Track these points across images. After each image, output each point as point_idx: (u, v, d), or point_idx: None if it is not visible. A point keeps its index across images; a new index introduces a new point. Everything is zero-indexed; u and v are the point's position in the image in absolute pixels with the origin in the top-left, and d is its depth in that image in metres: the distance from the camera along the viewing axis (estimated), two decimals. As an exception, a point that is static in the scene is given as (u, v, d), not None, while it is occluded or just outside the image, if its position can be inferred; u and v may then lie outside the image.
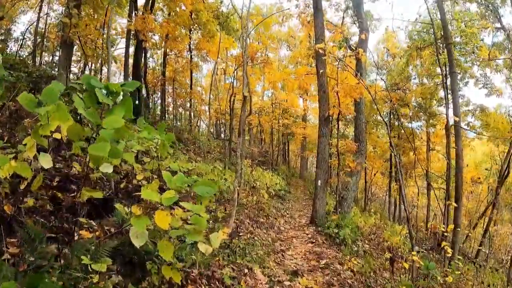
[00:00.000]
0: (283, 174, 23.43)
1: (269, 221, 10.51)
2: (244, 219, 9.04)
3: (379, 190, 32.55)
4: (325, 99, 11.44)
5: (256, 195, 11.86)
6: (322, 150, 11.27)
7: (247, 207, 10.67)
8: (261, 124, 25.64)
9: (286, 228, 10.56)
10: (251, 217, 9.49)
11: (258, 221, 9.64)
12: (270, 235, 9.04)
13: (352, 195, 13.28)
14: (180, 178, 2.98)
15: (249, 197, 11.25)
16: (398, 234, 14.94)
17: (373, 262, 8.10)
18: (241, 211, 9.72)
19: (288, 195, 17.13)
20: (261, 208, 11.11)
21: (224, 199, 9.56)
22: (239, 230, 7.77)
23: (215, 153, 18.04)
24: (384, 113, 25.70)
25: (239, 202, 10.65)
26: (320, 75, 11.52)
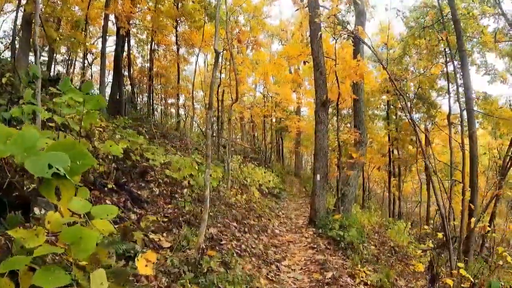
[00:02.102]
0: (277, 171, 21.70)
1: (261, 223, 8.78)
2: (231, 221, 7.30)
3: (376, 185, 30.94)
4: (322, 81, 9.75)
5: (246, 193, 10.13)
6: (320, 139, 9.56)
7: (235, 207, 8.94)
8: (253, 119, 23.88)
9: (281, 230, 8.82)
10: (239, 219, 7.74)
11: (248, 224, 7.90)
12: (262, 240, 7.29)
13: (354, 190, 11.59)
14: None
15: (238, 195, 9.50)
16: (402, 232, 13.42)
17: (390, 271, 6.36)
18: (227, 212, 7.99)
19: (283, 193, 15.39)
20: (251, 208, 9.38)
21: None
22: (222, 237, 6.01)
23: (203, 149, 16.25)
24: (382, 106, 24.18)
25: (226, 202, 8.94)
26: (315, 54, 9.83)
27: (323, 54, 9.93)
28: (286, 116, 23.98)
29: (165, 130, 16.81)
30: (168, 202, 6.64)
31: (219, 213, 7.55)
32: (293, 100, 25.01)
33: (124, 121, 12.23)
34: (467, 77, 10.73)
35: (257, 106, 22.52)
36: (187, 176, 7.68)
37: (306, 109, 30.08)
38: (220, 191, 9.40)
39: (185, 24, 18.42)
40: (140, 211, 5.63)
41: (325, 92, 9.62)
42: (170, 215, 5.89)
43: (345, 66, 9.62)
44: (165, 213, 5.91)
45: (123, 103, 16.29)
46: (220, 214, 7.46)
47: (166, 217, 5.75)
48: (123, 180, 6.82)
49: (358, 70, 9.53)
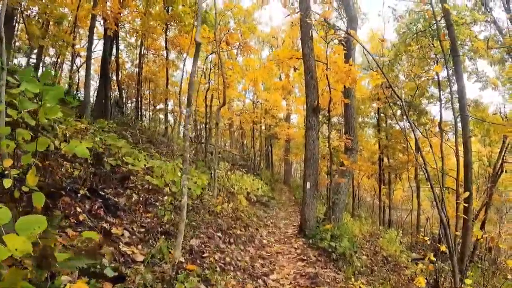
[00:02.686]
0: (267, 179, 21.20)
1: (248, 232, 8.28)
2: (215, 232, 6.80)
3: (366, 193, 30.62)
4: (313, 85, 9.34)
5: (233, 201, 9.63)
6: (311, 145, 9.11)
7: (221, 216, 8.43)
8: (242, 126, 23.39)
9: (269, 241, 8.32)
10: (224, 229, 7.24)
11: (234, 234, 7.40)
12: (249, 251, 6.79)
13: (344, 199, 11.20)
14: None
15: (224, 204, 8.98)
16: (394, 241, 13.06)
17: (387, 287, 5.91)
18: (212, 221, 7.49)
19: (272, 201, 14.89)
20: (238, 217, 8.87)
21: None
22: (204, 249, 5.51)
23: (190, 155, 15.74)
24: (372, 113, 23.95)
25: (211, 211, 8.43)
26: (306, 57, 9.44)
27: (314, 58, 9.54)
28: (276, 123, 23.56)
29: (152, 136, 16.28)
30: (147, 211, 6.12)
31: (203, 222, 7.05)
32: (283, 107, 24.65)
33: (108, 124, 11.70)
34: (461, 82, 10.42)
35: (246, 112, 22.05)
36: (169, 183, 7.18)
37: (296, 116, 29.80)
38: (205, 199, 8.90)
39: (175, 29, 18.06)
40: (114, 220, 5.10)
41: (316, 97, 9.21)
42: (148, 224, 5.37)
43: (336, 70, 9.24)
44: (143, 223, 5.39)
45: (109, 107, 15.73)
46: (204, 224, 6.96)
47: (143, 227, 5.23)
48: (101, 186, 6.34)
49: (350, 74, 9.16)
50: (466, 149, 9.83)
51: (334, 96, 9.90)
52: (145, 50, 20.30)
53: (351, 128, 11.06)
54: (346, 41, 10.84)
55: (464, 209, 10.17)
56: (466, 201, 10.13)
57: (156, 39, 19.33)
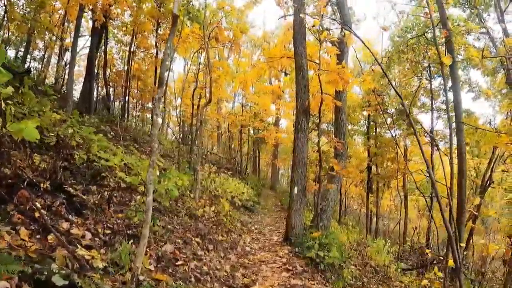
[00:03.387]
0: (253, 183, 20.61)
1: (231, 238, 7.71)
2: (193, 237, 6.21)
3: (352, 201, 30.25)
4: (305, 85, 8.86)
5: (216, 205, 9.06)
6: (300, 148, 8.60)
7: (202, 220, 7.86)
8: (229, 129, 22.81)
9: (253, 248, 7.75)
10: (203, 234, 6.66)
11: (214, 240, 6.82)
12: (230, 260, 6.22)
13: (332, 206, 10.68)
14: None
15: (206, 207, 8.41)
16: (382, 251, 12.64)
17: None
18: (192, 225, 6.91)
19: (257, 206, 14.32)
20: (220, 222, 8.30)
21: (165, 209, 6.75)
22: (179, 256, 4.93)
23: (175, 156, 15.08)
24: (362, 121, 23.62)
25: (192, 214, 7.86)
26: (299, 56, 8.96)
27: (306, 57, 9.07)
28: (264, 127, 23.05)
29: (137, 135, 15.64)
30: (119, 211, 5.52)
31: (181, 226, 6.47)
32: (272, 111, 24.17)
33: (90, 119, 11.11)
34: (457, 88, 10.09)
35: (234, 115, 21.50)
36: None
37: (285, 122, 29.40)
38: (186, 201, 8.32)
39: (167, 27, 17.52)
40: (77, 219, 4.51)
41: (307, 97, 8.73)
42: (117, 226, 4.78)
43: (329, 70, 8.76)
44: (110, 224, 4.79)
45: (94, 102, 15.12)
46: (181, 227, 6.38)
47: (110, 229, 4.63)
48: (71, 182, 5.74)
49: (343, 75, 8.70)
50: (461, 157, 9.47)
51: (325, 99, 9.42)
52: (135, 48, 19.73)
53: (342, 134, 10.60)
54: (339, 43, 10.42)
55: (457, 219, 9.79)
56: (459, 211, 9.77)
57: (147, 37, 18.76)
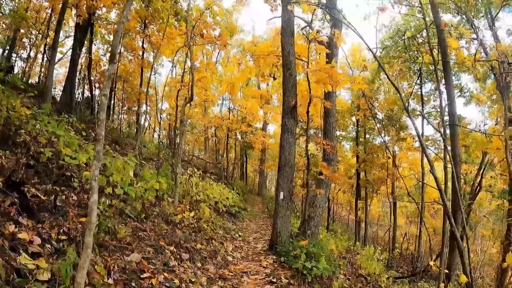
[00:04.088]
0: (239, 189, 19.97)
1: (211, 247, 7.07)
2: (167, 245, 5.58)
3: (340, 208, 29.80)
4: (292, 83, 8.31)
5: (197, 210, 8.42)
6: (286, 151, 8.03)
7: (180, 227, 7.22)
8: (216, 133, 22.18)
9: (235, 257, 7.13)
10: (179, 242, 6.02)
11: (192, 248, 6.19)
12: (208, 271, 5.59)
13: (321, 212, 10.10)
14: None
15: (186, 212, 7.76)
16: (372, 258, 12.13)
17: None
18: (168, 232, 6.28)
19: (243, 212, 13.68)
20: (201, 229, 7.67)
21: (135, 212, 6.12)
22: (146, 267, 4.30)
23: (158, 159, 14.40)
24: (351, 127, 23.20)
25: (169, 220, 7.22)
26: (286, 52, 8.43)
27: (294, 55, 8.55)
28: (251, 132, 22.47)
29: (120, 137, 14.99)
30: (82, 214, 4.87)
31: (155, 233, 5.83)
32: (259, 116, 23.62)
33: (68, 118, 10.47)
34: (450, 90, 9.67)
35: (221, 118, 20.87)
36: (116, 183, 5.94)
37: (273, 128, 28.92)
38: (164, 206, 7.68)
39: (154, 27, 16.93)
40: (28, 221, 3.87)
41: (295, 96, 8.18)
42: (75, 232, 4.13)
43: (318, 68, 8.26)
44: (68, 229, 4.14)
45: (74, 101, 14.43)
46: (155, 234, 5.74)
47: (66, 234, 3.99)
48: (34, 181, 5.15)
49: (332, 74, 8.20)
50: (455, 162, 9.00)
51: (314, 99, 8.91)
52: (122, 48, 19.11)
53: (331, 138, 10.07)
54: (329, 44, 9.96)
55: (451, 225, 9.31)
56: (454, 217, 9.28)
57: (134, 38, 18.15)
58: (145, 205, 7.36)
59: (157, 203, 7.93)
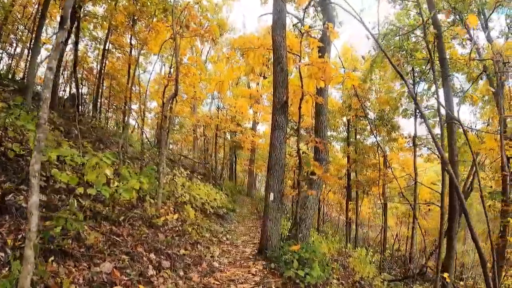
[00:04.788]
0: (228, 190, 19.41)
1: (196, 252, 6.54)
2: (146, 251, 5.03)
3: (330, 209, 29.40)
4: (283, 78, 7.82)
5: (182, 212, 7.87)
6: (277, 149, 7.52)
7: (163, 231, 6.67)
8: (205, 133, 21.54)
9: (222, 263, 6.58)
10: (161, 247, 5.47)
11: (174, 255, 5.64)
12: (192, 279, 5.05)
13: (312, 214, 9.61)
14: None
15: (169, 214, 7.21)
16: (365, 261, 11.79)
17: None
18: (148, 237, 5.73)
19: (231, 214, 13.12)
20: (186, 232, 7.12)
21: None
22: (118, 279, 3.76)
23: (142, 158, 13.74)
24: (340, 128, 22.79)
25: (151, 223, 6.67)
26: (277, 45, 7.93)
27: (286, 48, 8.05)
28: (241, 131, 21.88)
29: (104, 134, 14.34)
30: (49, 217, 4.31)
31: (133, 238, 5.28)
32: (249, 115, 23.07)
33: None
34: (447, 87, 9.26)
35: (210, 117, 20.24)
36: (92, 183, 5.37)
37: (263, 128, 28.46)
38: (146, 208, 7.11)
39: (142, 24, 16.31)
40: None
41: (286, 92, 7.69)
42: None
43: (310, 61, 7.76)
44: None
45: (57, 96, 13.78)
46: (133, 240, 5.19)
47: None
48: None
49: (326, 68, 7.71)
50: (453, 161, 8.59)
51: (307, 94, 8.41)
52: (110, 45, 18.51)
53: (323, 137, 9.59)
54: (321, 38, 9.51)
55: (448, 228, 8.94)
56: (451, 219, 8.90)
57: (122, 35, 17.54)
58: (125, 206, 6.81)
59: (139, 204, 7.36)
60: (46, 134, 2.38)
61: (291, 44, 8.76)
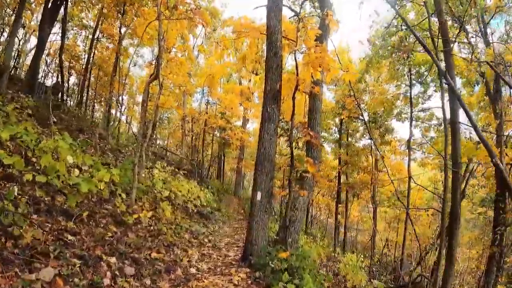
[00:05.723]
0: (214, 188, 18.49)
1: (171, 255, 5.66)
2: (106, 255, 4.15)
3: (319, 211, 28.63)
4: (277, 64, 6.99)
5: (159, 208, 6.97)
6: (266, 142, 6.66)
7: (135, 230, 5.79)
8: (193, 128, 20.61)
9: (200, 269, 5.70)
10: (125, 251, 4.59)
11: (143, 259, 4.77)
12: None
13: (302, 216, 8.80)
14: None
15: (144, 211, 6.31)
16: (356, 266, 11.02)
17: None
18: (115, 237, 4.85)
19: (216, 213, 12.22)
20: (161, 232, 6.24)
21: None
22: (64, 287, 2.89)
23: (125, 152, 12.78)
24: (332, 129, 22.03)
25: (121, 220, 5.80)
26: (271, 30, 7.10)
27: (281, 32, 7.22)
28: (230, 128, 20.97)
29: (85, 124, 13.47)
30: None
31: (92, 237, 4.40)
32: (239, 111, 22.17)
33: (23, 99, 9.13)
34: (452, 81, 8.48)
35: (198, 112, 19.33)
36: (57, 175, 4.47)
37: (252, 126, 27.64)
38: (118, 204, 6.21)
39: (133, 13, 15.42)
40: None
41: (279, 80, 6.86)
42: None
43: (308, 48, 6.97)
44: None
45: (36, 82, 12.86)
46: (92, 240, 4.30)
47: None
48: None
49: (324, 55, 6.93)
50: (456, 164, 7.85)
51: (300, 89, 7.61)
52: (101, 34, 17.63)
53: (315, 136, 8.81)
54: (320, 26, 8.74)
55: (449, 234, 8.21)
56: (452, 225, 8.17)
57: (112, 24, 16.63)
58: (93, 201, 5.91)
59: (112, 199, 6.46)
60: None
61: (286, 30, 7.93)
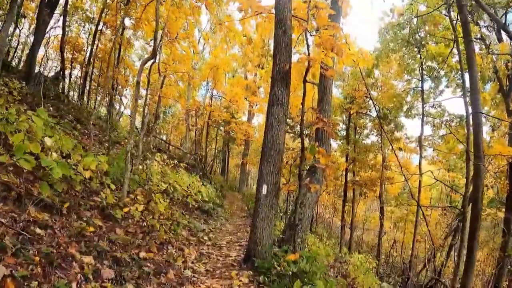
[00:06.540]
0: (218, 184, 17.75)
1: (164, 255, 4.91)
2: (82, 254, 3.40)
3: (324, 210, 27.88)
4: (286, 43, 6.19)
5: (154, 202, 6.21)
6: (274, 128, 5.86)
7: (124, 226, 5.05)
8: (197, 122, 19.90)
9: (197, 271, 4.93)
10: (106, 250, 3.84)
11: (129, 258, 4.01)
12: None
13: (310, 213, 8.03)
14: None
15: (135, 205, 5.56)
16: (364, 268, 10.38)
17: None
18: (96, 232, 4.11)
19: (218, 210, 11.45)
20: (154, 229, 5.48)
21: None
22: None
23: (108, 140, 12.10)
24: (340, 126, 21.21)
25: (109, 214, 5.07)
26: (280, 7, 6.33)
27: (290, 10, 6.44)
28: (235, 122, 20.22)
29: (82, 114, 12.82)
30: None
31: (68, 232, 3.65)
32: (244, 104, 21.42)
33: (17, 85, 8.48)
34: (473, 73, 7.67)
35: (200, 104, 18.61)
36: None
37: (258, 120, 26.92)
38: (108, 195, 5.47)
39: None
40: None
41: (289, 60, 6.08)
42: None
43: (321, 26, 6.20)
44: None
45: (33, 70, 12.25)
46: (67, 234, 3.56)
47: None
48: None
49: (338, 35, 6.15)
50: (478, 155, 6.99)
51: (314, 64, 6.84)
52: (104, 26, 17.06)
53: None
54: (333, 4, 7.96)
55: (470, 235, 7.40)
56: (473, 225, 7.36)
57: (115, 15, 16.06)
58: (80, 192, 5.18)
59: (102, 190, 5.72)
60: None
61: (296, 9, 7.15)
